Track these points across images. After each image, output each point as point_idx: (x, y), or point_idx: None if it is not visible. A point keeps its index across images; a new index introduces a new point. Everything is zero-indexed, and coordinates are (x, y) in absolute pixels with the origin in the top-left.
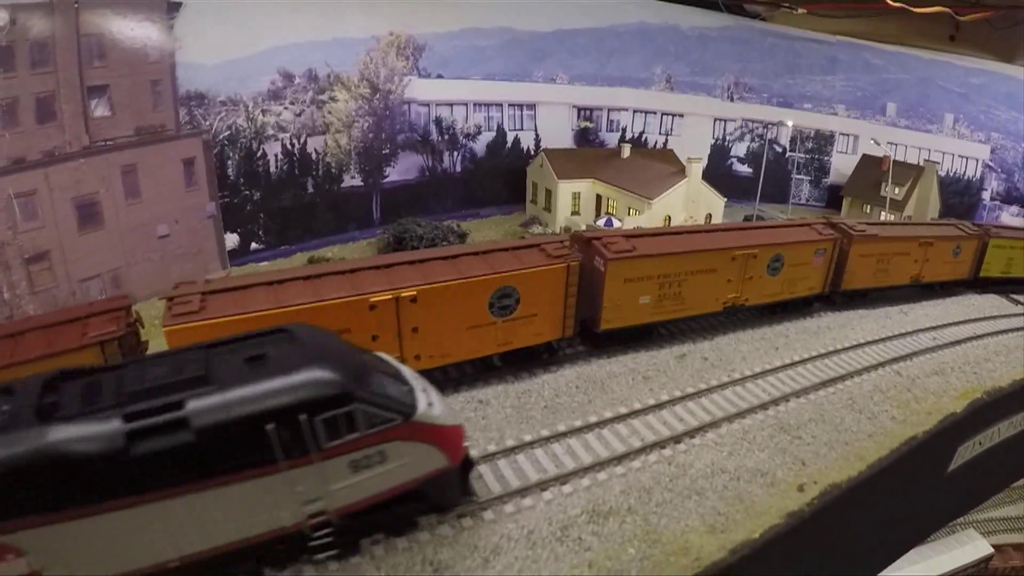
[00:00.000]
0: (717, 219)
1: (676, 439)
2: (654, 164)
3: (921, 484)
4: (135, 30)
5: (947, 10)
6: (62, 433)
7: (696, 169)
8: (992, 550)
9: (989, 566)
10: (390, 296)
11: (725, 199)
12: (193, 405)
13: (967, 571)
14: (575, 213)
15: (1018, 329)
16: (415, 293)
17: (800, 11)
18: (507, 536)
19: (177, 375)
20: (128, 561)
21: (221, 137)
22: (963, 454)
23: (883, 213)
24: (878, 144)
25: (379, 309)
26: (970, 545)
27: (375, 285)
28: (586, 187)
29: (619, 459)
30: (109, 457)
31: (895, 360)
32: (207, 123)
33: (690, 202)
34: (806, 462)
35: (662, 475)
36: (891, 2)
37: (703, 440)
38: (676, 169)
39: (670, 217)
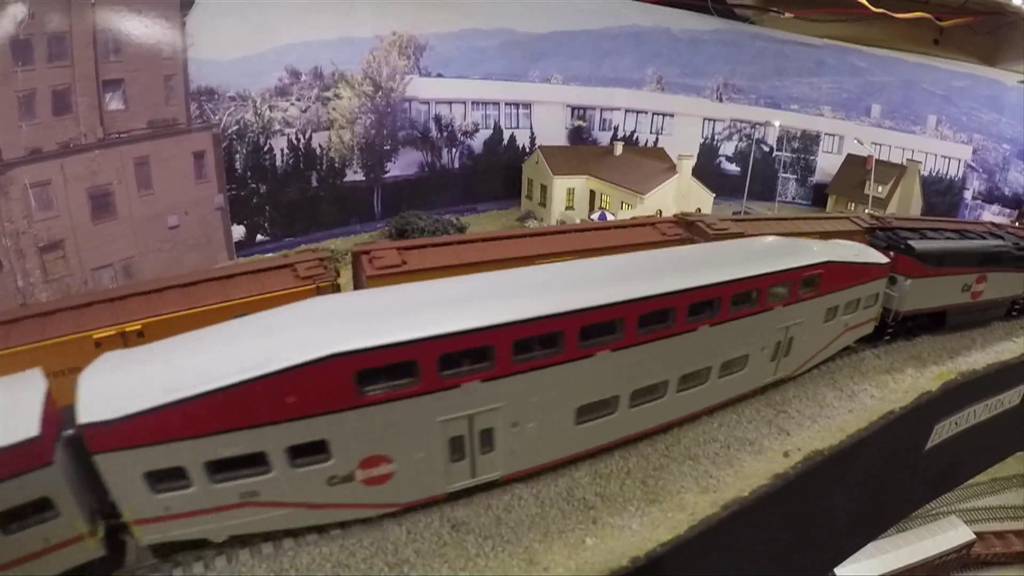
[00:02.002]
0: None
1: None
2: (646, 161)
3: (900, 459)
4: (149, 26)
5: (928, 16)
6: None
7: (687, 166)
8: (974, 536)
9: (971, 552)
10: (114, 332)
11: (714, 194)
12: None
13: (949, 556)
14: (570, 208)
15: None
16: (140, 327)
17: (787, 15)
18: (518, 496)
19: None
20: None
21: (230, 131)
22: (940, 433)
23: (866, 210)
24: (861, 144)
25: (104, 347)
26: (952, 531)
27: (101, 320)
28: (580, 183)
29: None
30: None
31: (875, 344)
32: (217, 118)
33: (681, 197)
34: (791, 433)
35: (658, 442)
36: (873, 8)
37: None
38: (667, 166)
39: (661, 211)
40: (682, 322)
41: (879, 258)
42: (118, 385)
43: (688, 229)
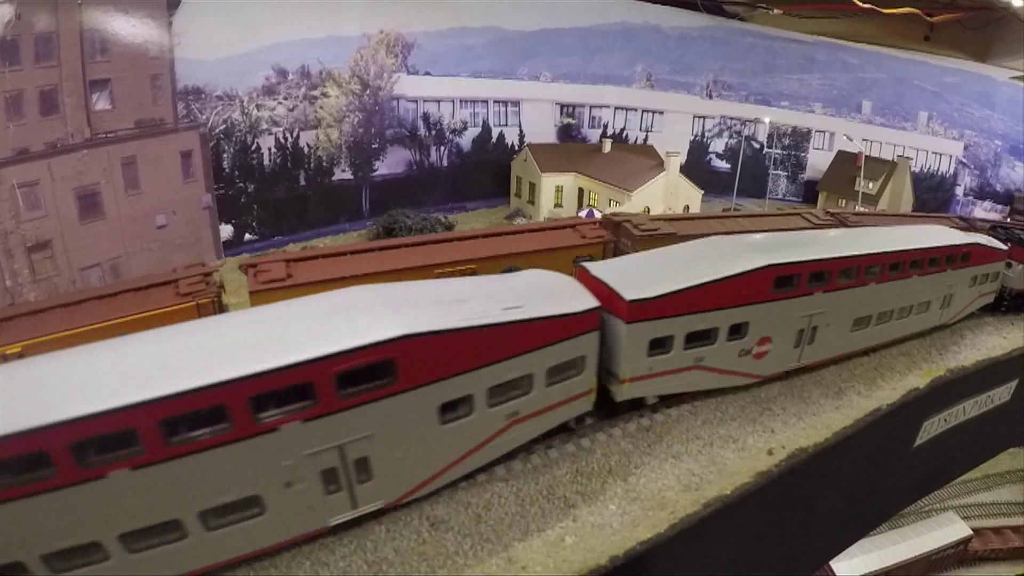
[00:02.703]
0: (695, 210)
1: (654, 408)
2: (634, 158)
3: (888, 456)
4: (136, 26)
5: (916, 11)
6: None
7: (674, 163)
8: (971, 532)
9: (968, 548)
10: None
11: (702, 191)
12: None
13: (947, 551)
14: (558, 206)
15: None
16: (21, 349)
17: (777, 12)
18: (497, 494)
19: None
20: None
21: (217, 131)
22: (929, 429)
23: (857, 206)
24: (851, 140)
25: None
26: (950, 527)
27: None
28: (569, 180)
29: (600, 426)
30: None
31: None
32: (204, 117)
33: (669, 194)
34: (775, 430)
35: (641, 441)
36: (860, 3)
37: (679, 411)
38: (655, 163)
39: (649, 208)
40: (906, 271)
41: (1000, 245)
42: (632, 280)
43: (614, 231)
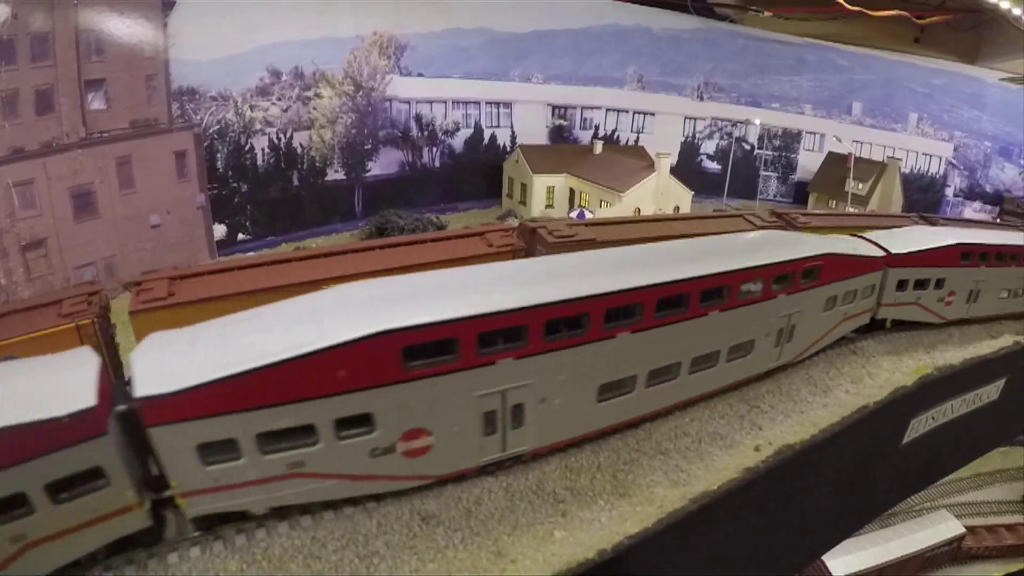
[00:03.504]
0: (685, 211)
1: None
2: (625, 159)
3: (876, 454)
4: (131, 27)
5: (905, 13)
6: None
7: (665, 164)
8: (964, 530)
9: (962, 546)
10: None
11: (692, 192)
12: None
13: (940, 549)
14: (549, 206)
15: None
16: None
17: (767, 14)
18: (487, 489)
19: None
20: None
21: (211, 131)
22: (917, 427)
23: (847, 207)
24: (840, 141)
25: None
26: (943, 525)
27: None
28: (560, 181)
29: None
30: None
31: (851, 340)
32: (198, 117)
33: (659, 195)
34: (763, 427)
35: (629, 437)
36: (848, 6)
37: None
38: (646, 164)
39: (639, 209)
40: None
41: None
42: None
43: (530, 238)
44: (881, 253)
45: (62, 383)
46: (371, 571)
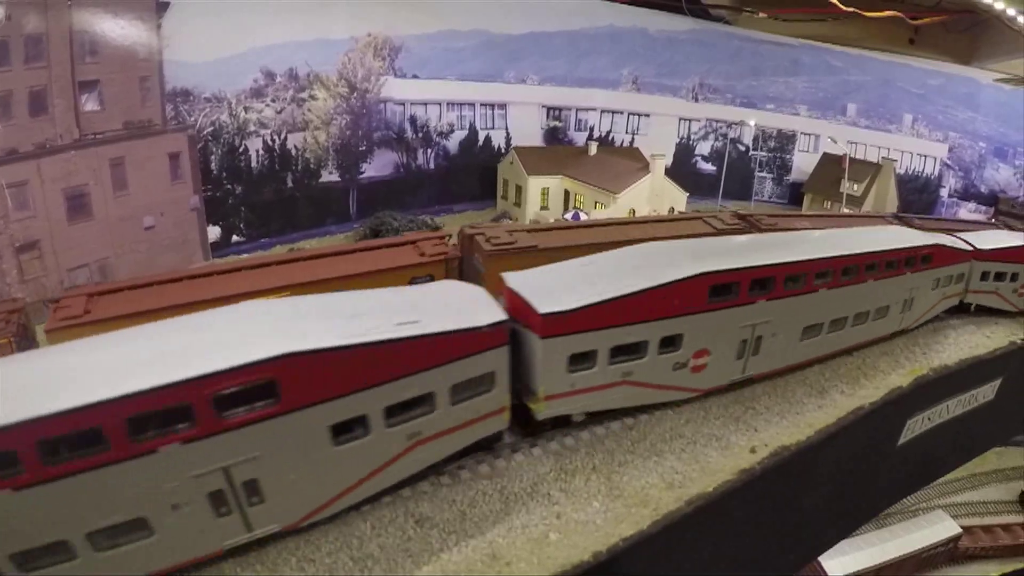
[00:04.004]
0: (680, 211)
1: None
2: (620, 161)
3: (872, 454)
4: (125, 28)
5: (899, 14)
6: None
7: (659, 165)
8: (960, 530)
9: (958, 546)
10: None
11: (687, 193)
12: None
13: (937, 549)
14: (544, 208)
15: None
16: None
17: (762, 15)
18: (482, 491)
19: None
20: None
21: (205, 133)
22: (913, 428)
23: (842, 208)
24: (835, 142)
25: None
26: (940, 525)
27: None
28: (555, 183)
29: (584, 425)
30: None
31: None
32: (192, 119)
33: (654, 196)
34: (758, 429)
35: (624, 439)
36: (843, 7)
37: (663, 409)
38: (641, 165)
39: (634, 210)
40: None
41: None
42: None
43: (468, 245)
44: (970, 248)
45: (473, 304)
46: (365, 574)
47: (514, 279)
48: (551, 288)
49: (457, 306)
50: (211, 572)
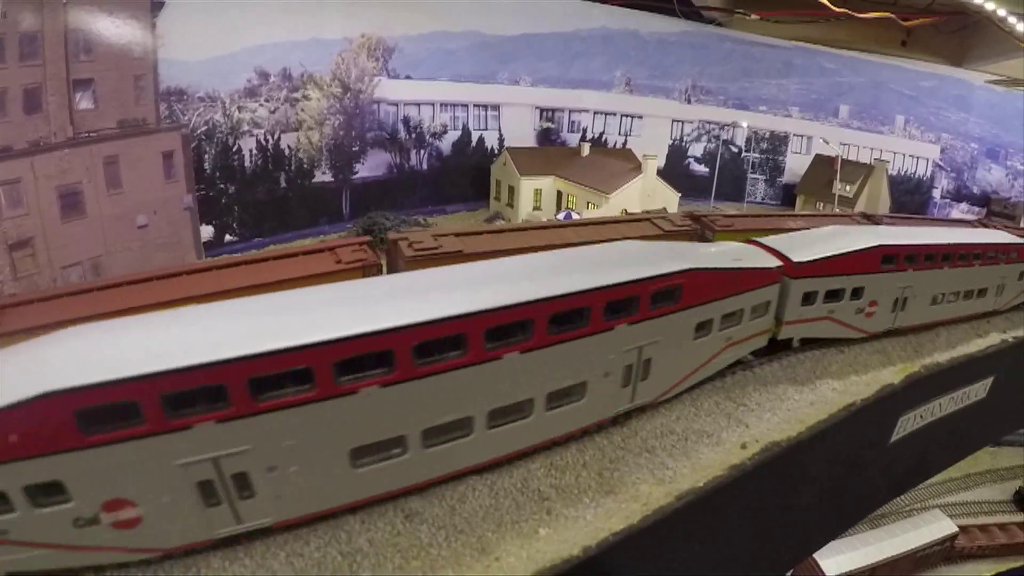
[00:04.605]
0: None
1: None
2: (612, 161)
3: (865, 451)
4: (120, 27)
5: (891, 15)
6: None
7: (651, 165)
8: (956, 529)
9: (955, 545)
10: None
11: (679, 194)
12: None
13: (933, 548)
14: (537, 208)
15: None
16: None
17: (754, 17)
18: (471, 486)
19: None
20: None
21: (199, 132)
22: (905, 426)
23: (834, 209)
24: (827, 143)
25: None
26: (936, 524)
27: None
28: (547, 184)
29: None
30: None
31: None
32: (186, 118)
33: (646, 196)
34: (749, 425)
35: (615, 435)
36: (835, 8)
37: (652, 407)
38: (633, 166)
39: (626, 210)
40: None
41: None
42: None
43: (393, 250)
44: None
45: (753, 255)
46: (354, 569)
47: (767, 241)
48: (791, 247)
49: (733, 254)
50: (199, 565)
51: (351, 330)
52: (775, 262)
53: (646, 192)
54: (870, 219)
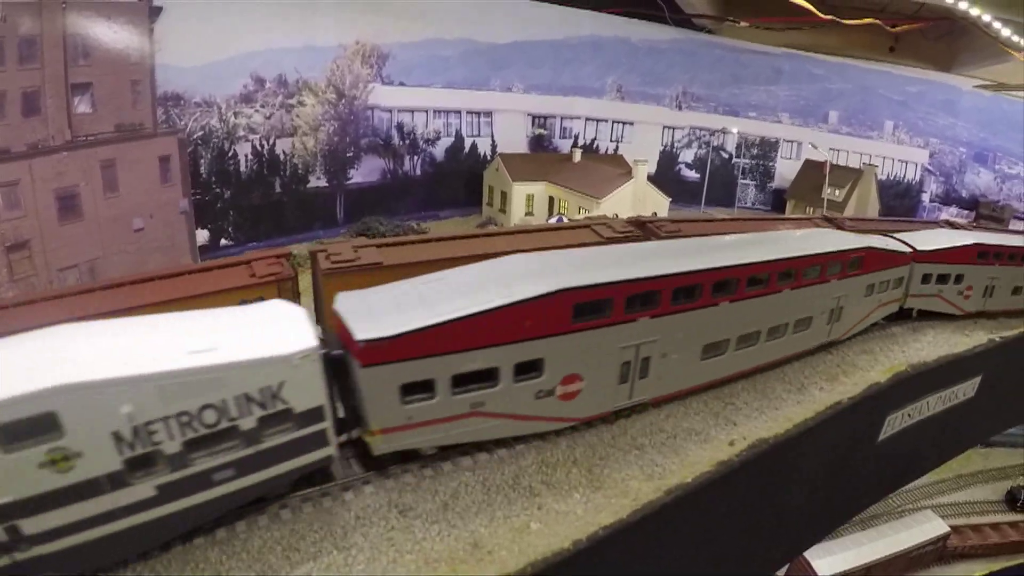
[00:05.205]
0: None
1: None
2: (603, 167)
3: (853, 450)
4: (118, 32)
5: (877, 22)
6: None
7: (642, 170)
8: (948, 529)
9: (947, 544)
10: None
11: (669, 199)
12: None
13: (926, 548)
14: (529, 214)
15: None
16: None
17: (743, 24)
18: (464, 483)
19: None
20: None
21: (195, 137)
22: (893, 424)
23: (823, 212)
24: (815, 148)
25: None
26: (928, 524)
27: None
28: (540, 189)
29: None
30: None
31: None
32: (182, 123)
33: (637, 201)
34: (737, 423)
35: (605, 433)
36: (821, 15)
37: (642, 405)
38: (624, 171)
39: (617, 214)
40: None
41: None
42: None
43: (314, 263)
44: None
45: (892, 244)
46: (349, 563)
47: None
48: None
49: (882, 241)
50: (198, 562)
51: (722, 262)
52: (908, 249)
53: (636, 197)
54: (832, 223)
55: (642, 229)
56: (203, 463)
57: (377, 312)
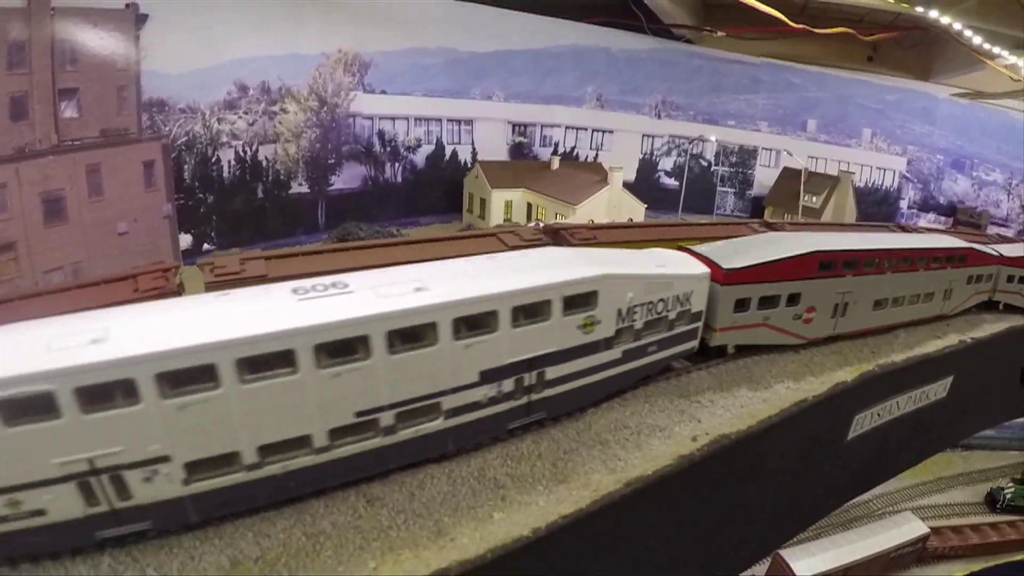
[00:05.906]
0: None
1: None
2: (580, 174)
3: (820, 449)
4: (105, 39)
5: (851, 31)
6: None
7: (617, 177)
8: (928, 530)
9: (927, 546)
10: None
11: (645, 205)
12: None
13: (905, 549)
14: (507, 220)
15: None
16: None
17: (720, 34)
18: (430, 475)
19: None
20: None
21: (179, 142)
22: (861, 424)
23: (798, 219)
24: (791, 155)
25: None
26: (907, 525)
27: None
28: (518, 196)
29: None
30: None
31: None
32: (167, 128)
33: (612, 207)
34: (701, 420)
35: (569, 429)
36: (792, 24)
37: (608, 402)
38: (600, 178)
39: (592, 220)
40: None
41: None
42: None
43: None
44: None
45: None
46: (318, 548)
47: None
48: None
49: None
50: (171, 544)
51: (881, 245)
52: (996, 253)
53: (612, 203)
54: (771, 227)
55: (554, 236)
56: (646, 338)
57: (725, 255)
